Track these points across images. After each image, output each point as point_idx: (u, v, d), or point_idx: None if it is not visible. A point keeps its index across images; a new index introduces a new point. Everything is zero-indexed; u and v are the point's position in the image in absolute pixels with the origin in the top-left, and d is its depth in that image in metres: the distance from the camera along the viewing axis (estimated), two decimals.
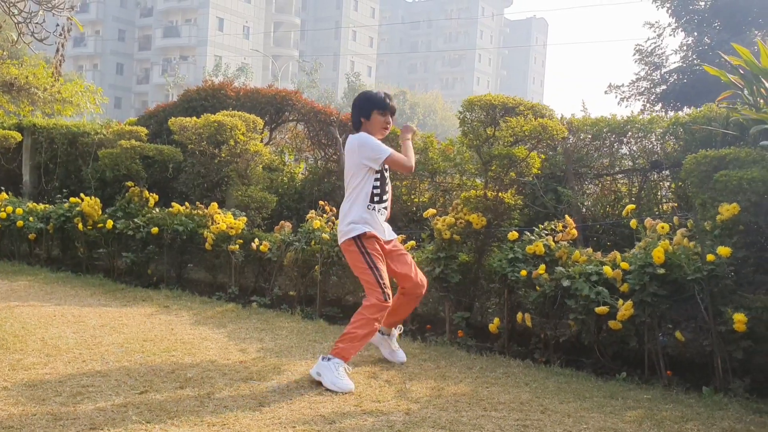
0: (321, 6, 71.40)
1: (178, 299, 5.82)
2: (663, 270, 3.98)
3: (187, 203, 6.84)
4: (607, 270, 4.11)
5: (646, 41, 17.51)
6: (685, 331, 4.29)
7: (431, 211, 5.11)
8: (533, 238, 4.60)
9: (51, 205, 7.56)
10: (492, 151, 4.82)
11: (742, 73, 4.80)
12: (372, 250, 3.83)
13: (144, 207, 6.92)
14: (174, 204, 6.70)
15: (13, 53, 14.76)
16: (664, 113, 16.96)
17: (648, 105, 17.69)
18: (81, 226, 6.85)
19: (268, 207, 6.62)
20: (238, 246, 5.98)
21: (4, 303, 5.36)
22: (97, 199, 7.08)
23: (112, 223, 6.66)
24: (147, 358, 3.96)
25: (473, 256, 5.08)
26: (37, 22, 7.75)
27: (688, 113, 5.74)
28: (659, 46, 17.36)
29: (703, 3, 16.49)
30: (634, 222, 4.42)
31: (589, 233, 5.60)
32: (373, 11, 74.18)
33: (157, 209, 6.83)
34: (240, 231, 6.07)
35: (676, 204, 5.33)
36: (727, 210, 4.02)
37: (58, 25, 8.28)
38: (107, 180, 8.14)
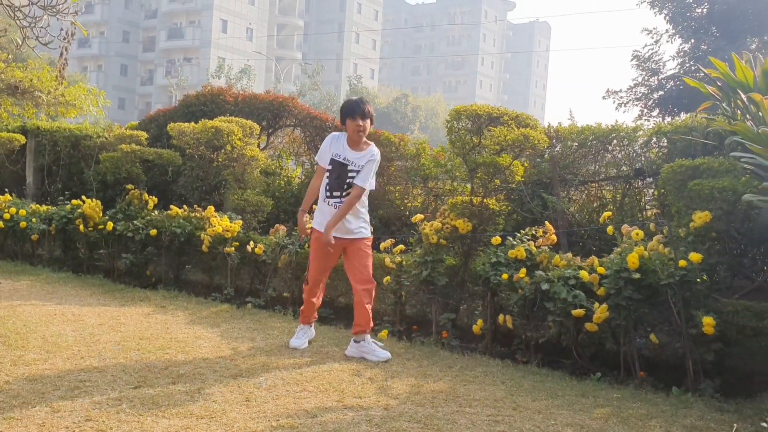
0: (324, 8, 71.67)
1: (175, 299, 6.01)
2: (638, 275, 4.15)
3: (185, 206, 7.02)
4: (583, 274, 4.29)
5: (644, 47, 17.65)
6: (660, 334, 4.47)
7: (419, 216, 5.29)
8: (515, 243, 4.78)
9: (53, 207, 7.76)
10: (477, 159, 5.01)
11: (719, 85, 4.98)
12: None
13: (143, 209, 7.10)
14: (173, 207, 6.89)
15: (17, 56, 14.97)
16: (661, 119, 17.11)
17: (645, 110, 17.83)
18: (82, 227, 7.04)
19: (264, 210, 6.80)
20: (234, 248, 6.16)
21: (7, 302, 5.56)
22: (98, 202, 7.27)
23: (112, 224, 6.85)
24: (142, 356, 4.14)
25: (460, 260, 5.27)
26: (41, 27, 7.94)
27: (670, 122, 5.92)
28: (656, 52, 17.51)
29: (699, 10, 16.63)
30: (610, 228, 4.60)
31: (574, 238, 5.77)
32: (376, 14, 74.43)
33: (156, 212, 7.01)
34: (236, 234, 6.26)
35: (659, 211, 5.52)
36: (700, 218, 4.19)
37: (62, 29, 8.47)
38: (108, 182, 8.32)
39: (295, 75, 60.50)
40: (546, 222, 4.95)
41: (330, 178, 4.50)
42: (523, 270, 4.52)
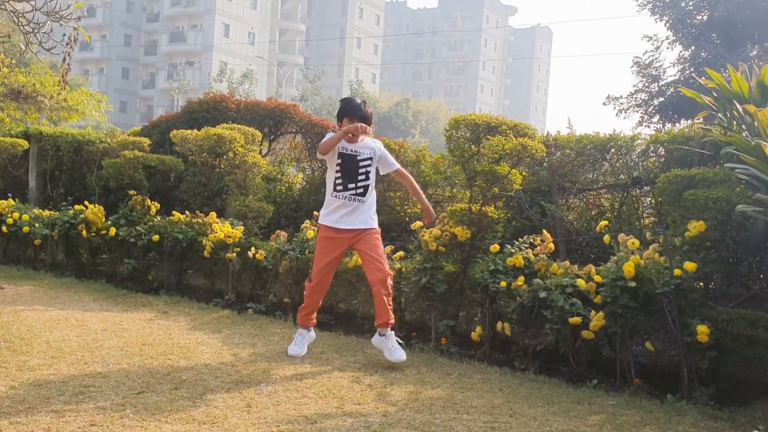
0: (326, 13, 71.90)
1: (177, 305, 6.07)
2: (634, 283, 4.22)
3: (187, 212, 7.08)
4: (580, 283, 4.35)
5: (644, 54, 17.74)
6: (656, 342, 4.53)
7: (418, 223, 5.35)
8: (514, 251, 4.84)
9: (56, 212, 7.82)
10: (476, 167, 5.07)
11: (716, 95, 5.05)
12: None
13: (146, 215, 7.17)
14: (175, 212, 6.95)
15: (21, 61, 15.07)
16: (661, 125, 17.18)
17: (646, 117, 17.90)
18: (85, 232, 7.10)
19: (265, 216, 6.87)
20: (235, 254, 6.23)
21: (10, 307, 5.62)
22: (101, 207, 7.33)
23: (115, 230, 6.91)
24: (145, 361, 4.20)
25: (459, 267, 5.33)
26: (44, 32, 8.02)
27: (667, 132, 5.98)
28: (657, 58, 17.59)
29: (700, 17, 16.71)
30: (607, 237, 4.67)
31: (573, 246, 5.83)
32: (377, 19, 74.66)
33: (159, 217, 7.08)
34: (237, 240, 6.32)
35: (656, 219, 5.57)
36: (695, 227, 4.26)
37: (65, 35, 8.55)
38: (111, 188, 8.40)
39: (296, 79, 60.68)
40: (544, 230, 5.01)
41: (342, 171, 4.41)
42: (521, 278, 4.58)
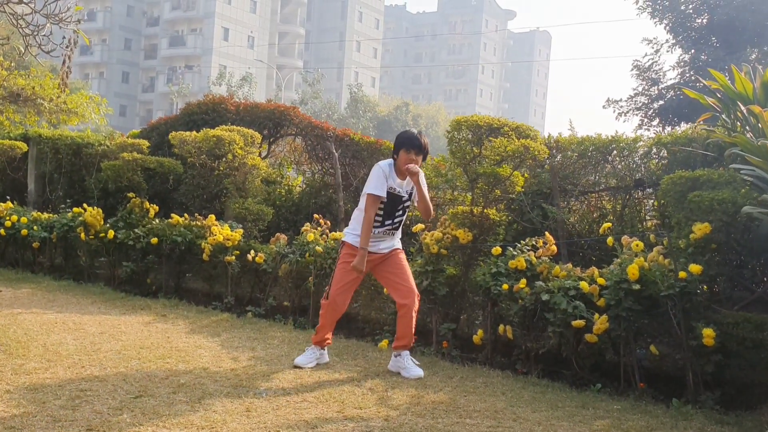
0: (325, 17, 71.93)
1: (176, 308, 6.01)
2: (638, 286, 4.16)
3: (186, 214, 7.03)
4: (583, 285, 4.30)
5: (644, 57, 17.73)
6: (660, 345, 4.48)
7: (419, 226, 5.30)
8: (515, 254, 4.79)
9: (55, 215, 7.78)
10: (478, 169, 5.03)
11: (719, 96, 5.00)
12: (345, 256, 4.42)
13: (144, 218, 7.12)
14: (173, 215, 6.90)
15: (20, 64, 15.03)
16: (661, 128, 17.16)
17: (646, 120, 17.89)
18: (83, 235, 7.05)
19: (265, 219, 6.82)
20: (234, 257, 6.18)
21: (8, 310, 5.56)
22: (100, 210, 7.29)
23: (113, 233, 6.86)
24: (143, 365, 4.15)
25: (460, 270, 5.27)
26: (44, 35, 7.99)
27: (670, 133, 5.94)
28: (656, 62, 17.58)
29: (700, 20, 16.71)
30: (610, 239, 4.62)
31: (575, 249, 5.78)
32: (377, 22, 74.69)
33: (157, 220, 7.03)
34: (236, 242, 6.27)
35: (659, 221, 5.53)
36: (700, 229, 4.21)
37: (64, 37, 8.51)
38: (110, 190, 8.34)
39: (296, 83, 60.65)
40: (546, 232, 4.96)
41: (385, 209, 4.38)
42: (523, 280, 4.53)
